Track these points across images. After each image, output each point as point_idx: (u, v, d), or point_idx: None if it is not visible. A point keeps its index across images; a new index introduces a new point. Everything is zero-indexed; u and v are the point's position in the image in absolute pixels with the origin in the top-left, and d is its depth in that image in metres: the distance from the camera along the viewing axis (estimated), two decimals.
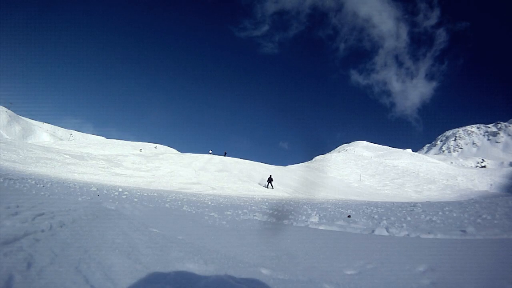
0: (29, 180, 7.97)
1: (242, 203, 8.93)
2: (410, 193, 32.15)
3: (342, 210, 6.86)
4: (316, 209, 7.26)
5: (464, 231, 3.41)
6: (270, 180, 20.95)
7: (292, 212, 6.34)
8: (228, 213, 5.86)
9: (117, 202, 5.84)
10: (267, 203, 9.46)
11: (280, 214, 5.95)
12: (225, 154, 36.84)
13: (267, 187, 20.32)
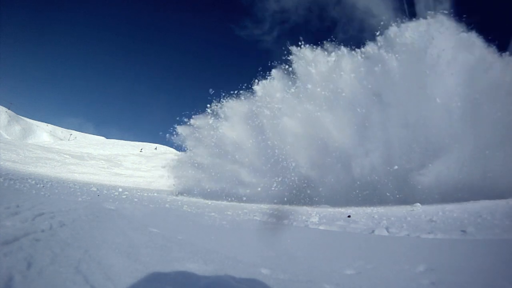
0: (29, 180, 7.97)
1: (242, 203, 8.92)
2: None
3: (342, 210, 6.86)
4: (316, 209, 7.26)
5: (464, 231, 3.40)
6: None
7: (292, 212, 6.34)
8: (228, 213, 5.86)
9: (117, 202, 5.84)
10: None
11: (280, 214, 5.95)
12: None
13: None
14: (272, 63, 15.03)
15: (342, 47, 13.23)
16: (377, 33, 12.26)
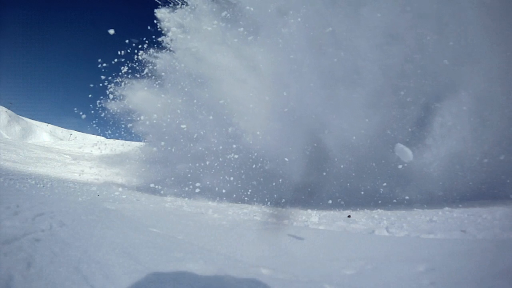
0: (29, 180, 7.97)
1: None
2: None
3: (341, 210, 6.85)
4: (316, 209, 7.26)
5: (464, 231, 3.40)
6: None
7: (292, 212, 6.34)
8: (228, 213, 5.86)
9: (117, 202, 5.85)
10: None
11: (280, 214, 5.95)
12: None
13: None
14: None
15: None
16: None
